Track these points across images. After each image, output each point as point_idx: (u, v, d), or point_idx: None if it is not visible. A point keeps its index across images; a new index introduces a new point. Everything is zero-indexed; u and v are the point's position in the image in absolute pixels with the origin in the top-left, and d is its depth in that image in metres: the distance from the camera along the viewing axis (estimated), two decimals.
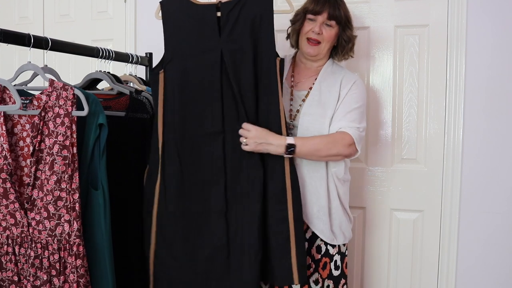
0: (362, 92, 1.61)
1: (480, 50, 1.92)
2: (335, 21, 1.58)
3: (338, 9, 1.57)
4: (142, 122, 1.49)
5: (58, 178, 1.26)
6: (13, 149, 1.31)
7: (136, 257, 1.51)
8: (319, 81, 1.62)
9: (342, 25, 1.60)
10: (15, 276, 1.31)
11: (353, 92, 1.58)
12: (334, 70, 1.64)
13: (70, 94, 1.28)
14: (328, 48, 1.62)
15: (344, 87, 1.59)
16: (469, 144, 1.95)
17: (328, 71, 1.64)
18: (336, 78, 1.61)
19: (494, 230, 1.94)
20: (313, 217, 1.56)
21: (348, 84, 1.59)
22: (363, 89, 1.63)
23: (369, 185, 2.10)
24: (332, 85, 1.60)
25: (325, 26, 1.58)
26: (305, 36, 1.60)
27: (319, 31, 1.57)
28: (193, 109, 1.47)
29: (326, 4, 1.56)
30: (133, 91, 1.53)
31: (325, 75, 1.63)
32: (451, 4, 1.94)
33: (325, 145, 1.50)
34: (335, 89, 1.59)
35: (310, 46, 1.59)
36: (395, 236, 2.08)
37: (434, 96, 2.00)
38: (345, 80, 1.60)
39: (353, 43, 1.65)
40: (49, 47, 1.40)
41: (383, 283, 2.12)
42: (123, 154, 1.48)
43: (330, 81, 1.61)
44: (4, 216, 1.30)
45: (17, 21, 2.67)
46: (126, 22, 2.43)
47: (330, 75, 1.63)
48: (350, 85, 1.59)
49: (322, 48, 1.60)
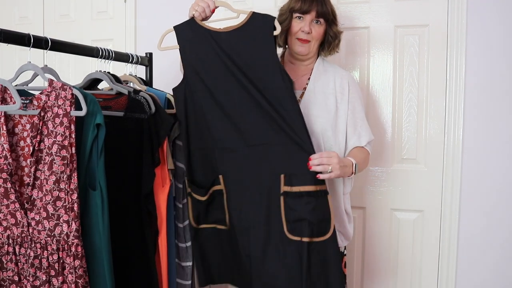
0: (359, 91, 1.66)
1: (480, 50, 1.92)
2: (323, 18, 1.58)
3: (326, 6, 1.57)
4: (140, 122, 1.49)
5: (57, 178, 1.26)
6: (14, 149, 1.31)
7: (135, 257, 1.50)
8: (313, 81, 1.62)
9: (329, 21, 1.61)
10: (16, 276, 1.31)
11: (353, 96, 1.61)
12: (326, 68, 1.65)
13: (68, 94, 1.28)
14: (318, 45, 1.63)
15: (341, 90, 1.60)
16: (469, 144, 1.95)
17: (320, 69, 1.64)
18: (329, 77, 1.62)
19: (494, 230, 1.94)
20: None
21: (344, 85, 1.60)
22: (358, 87, 1.67)
23: (369, 185, 2.10)
24: (326, 85, 1.61)
25: (313, 24, 1.58)
26: (295, 36, 1.59)
27: (309, 30, 1.56)
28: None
29: (314, 2, 1.55)
30: (131, 91, 1.53)
31: (317, 74, 1.63)
32: (451, 4, 1.94)
33: (364, 162, 1.60)
34: (330, 90, 1.60)
35: (301, 45, 1.59)
36: (395, 236, 2.08)
37: (434, 96, 2.00)
38: (339, 79, 1.61)
39: (339, 39, 1.66)
40: (49, 47, 1.40)
41: (383, 283, 2.12)
42: (122, 154, 1.48)
43: (324, 81, 1.61)
44: (5, 216, 1.30)
45: (17, 21, 2.67)
46: (126, 22, 2.44)
47: (322, 74, 1.63)
48: (347, 88, 1.60)
49: (312, 46, 1.60)
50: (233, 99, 1.51)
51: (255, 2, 2.20)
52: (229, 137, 1.51)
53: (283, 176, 1.45)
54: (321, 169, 1.41)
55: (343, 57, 2.11)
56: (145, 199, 1.49)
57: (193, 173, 1.57)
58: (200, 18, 1.53)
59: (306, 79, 1.63)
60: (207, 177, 1.55)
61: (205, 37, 1.52)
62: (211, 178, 1.54)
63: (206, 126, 1.53)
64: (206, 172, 1.55)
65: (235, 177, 1.51)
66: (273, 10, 2.07)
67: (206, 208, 1.56)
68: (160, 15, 2.37)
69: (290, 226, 1.45)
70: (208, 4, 1.52)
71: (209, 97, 1.52)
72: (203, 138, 1.54)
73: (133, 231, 1.49)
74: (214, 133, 1.52)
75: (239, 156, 1.50)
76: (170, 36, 1.55)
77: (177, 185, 1.63)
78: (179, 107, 1.55)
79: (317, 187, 1.44)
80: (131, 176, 1.48)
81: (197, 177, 1.56)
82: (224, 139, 1.51)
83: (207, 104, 1.52)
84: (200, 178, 1.56)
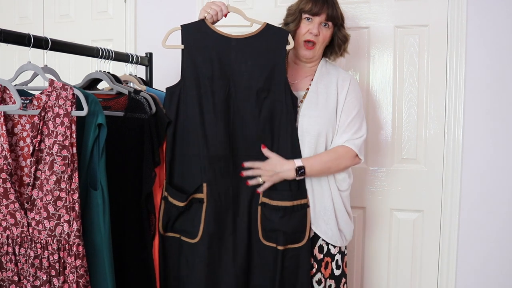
0: (358, 93, 1.63)
1: (480, 50, 1.92)
2: (332, 22, 1.58)
3: (336, 10, 1.57)
4: (140, 122, 1.49)
5: (58, 178, 1.26)
6: (13, 149, 1.31)
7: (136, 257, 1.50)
8: (316, 82, 1.62)
9: (338, 25, 1.61)
10: (15, 276, 1.31)
11: (351, 97, 1.59)
12: (329, 70, 1.65)
13: (69, 94, 1.28)
14: (323, 49, 1.63)
15: (341, 90, 1.60)
16: (469, 144, 1.95)
17: (323, 71, 1.64)
18: (332, 79, 1.62)
19: (494, 230, 1.94)
20: (317, 218, 1.56)
21: (344, 85, 1.60)
22: (358, 89, 1.64)
23: (369, 185, 2.10)
24: (328, 86, 1.60)
25: (322, 27, 1.58)
26: (303, 38, 1.58)
27: (317, 32, 1.56)
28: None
29: (325, 5, 1.55)
30: (131, 91, 1.53)
31: (320, 76, 1.63)
32: (451, 4, 1.94)
33: (333, 162, 1.55)
34: (332, 91, 1.60)
35: (307, 50, 1.60)
36: (395, 236, 2.08)
37: (434, 96, 2.00)
38: (341, 81, 1.61)
39: (348, 42, 1.66)
40: (49, 47, 1.40)
41: (383, 283, 2.12)
42: (121, 154, 1.48)
43: (326, 82, 1.61)
44: (4, 216, 1.30)
45: (17, 21, 2.67)
46: (126, 22, 2.43)
47: (325, 76, 1.63)
48: (347, 87, 1.60)
49: (317, 50, 1.60)
50: (230, 108, 1.50)
51: (255, 2, 2.20)
52: (219, 146, 1.49)
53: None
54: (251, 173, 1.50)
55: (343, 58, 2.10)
56: (145, 199, 1.49)
57: (175, 178, 1.54)
58: (211, 21, 1.52)
59: (309, 80, 1.64)
60: (190, 184, 1.51)
61: (213, 41, 1.50)
62: (195, 185, 1.51)
63: (196, 132, 1.50)
64: (190, 178, 1.52)
65: (219, 186, 1.50)
66: (273, 10, 2.08)
67: (178, 215, 1.52)
68: (160, 15, 2.37)
69: (265, 234, 1.52)
70: (221, 8, 1.51)
71: (204, 103, 1.50)
72: (191, 144, 1.51)
73: (133, 231, 1.49)
74: (204, 140, 1.50)
75: (226, 166, 1.50)
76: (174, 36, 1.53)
77: None
78: (171, 109, 1.52)
79: (295, 202, 1.50)
80: (131, 176, 1.48)
81: (178, 182, 1.53)
82: (214, 147, 1.49)
83: (201, 110, 1.50)
84: (182, 184, 1.53)
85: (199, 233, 1.50)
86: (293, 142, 1.51)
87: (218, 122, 1.49)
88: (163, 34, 1.52)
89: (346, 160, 1.56)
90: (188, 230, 1.52)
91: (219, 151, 1.50)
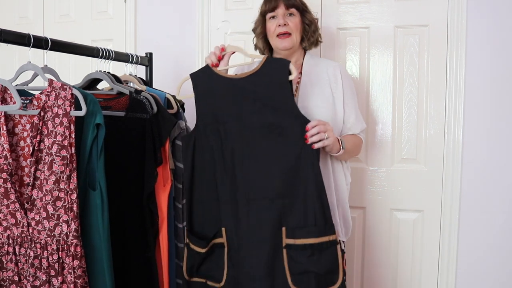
0: (350, 79, 1.69)
1: (480, 50, 1.92)
2: (295, 8, 1.60)
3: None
4: (142, 122, 1.49)
5: (57, 178, 1.26)
6: (14, 149, 1.31)
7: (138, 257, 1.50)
8: (305, 74, 1.62)
9: (301, 10, 1.62)
10: (16, 276, 1.32)
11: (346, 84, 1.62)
12: (316, 62, 1.67)
13: (68, 94, 1.28)
14: (300, 38, 1.64)
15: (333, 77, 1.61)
16: (469, 144, 1.95)
17: (311, 63, 1.66)
18: (322, 69, 1.63)
19: (494, 230, 1.94)
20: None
21: (336, 73, 1.62)
22: (349, 75, 1.70)
23: (369, 185, 2.10)
24: (319, 76, 1.62)
25: (287, 17, 1.59)
26: (274, 34, 1.60)
27: (284, 22, 1.58)
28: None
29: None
30: (132, 91, 1.53)
31: (309, 68, 1.64)
32: (451, 4, 1.94)
33: (356, 147, 1.62)
34: (323, 81, 1.60)
35: (283, 40, 1.60)
36: (395, 236, 2.08)
37: (434, 96, 2.00)
38: (331, 68, 1.63)
39: (316, 26, 1.67)
40: (49, 47, 1.40)
41: (383, 283, 2.12)
42: (122, 154, 1.48)
43: (317, 73, 1.63)
44: (5, 216, 1.30)
45: (17, 21, 2.67)
46: (126, 22, 2.44)
47: (314, 67, 1.64)
48: (339, 74, 1.62)
49: (295, 38, 1.61)
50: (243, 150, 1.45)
51: (255, 2, 2.20)
52: (234, 190, 1.45)
53: (284, 229, 1.40)
54: (318, 138, 1.39)
55: (343, 57, 2.11)
56: (147, 199, 1.49)
57: (194, 224, 1.51)
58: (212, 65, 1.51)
59: (297, 74, 1.64)
60: (209, 229, 1.48)
61: (219, 85, 1.48)
62: (214, 230, 1.48)
63: (212, 177, 1.47)
64: (209, 224, 1.49)
65: (238, 230, 1.45)
66: None
67: (202, 260, 1.49)
68: (160, 15, 2.37)
69: (294, 278, 1.40)
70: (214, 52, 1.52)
71: (218, 148, 1.46)
72: (208, 190, 1.48)
73: (134, 231, 1.50)
74: (219, 185, 1.46)
75: (242, 209, 1.44)
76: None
77: (176, 185, 1.63)
78: (187, 156, 1.50)
79: (323, 238, 1.39)
80: (133, 175, 1.48)
81: (198, 228, 1.51)
82: (229, 192, 1.45)
83: (215, 156, 1.47)
84: (202, 230, 1.50)
85: (224, 277, 1.46)
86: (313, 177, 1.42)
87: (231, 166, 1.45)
88: (163, 34, 1.53)
89: (360, 149, 1.64)
90: (213, 275, 1.49)
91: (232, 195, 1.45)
